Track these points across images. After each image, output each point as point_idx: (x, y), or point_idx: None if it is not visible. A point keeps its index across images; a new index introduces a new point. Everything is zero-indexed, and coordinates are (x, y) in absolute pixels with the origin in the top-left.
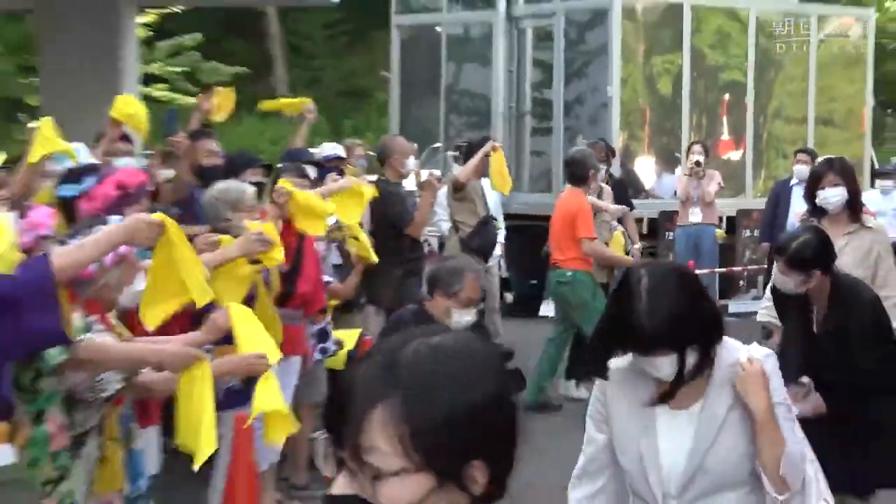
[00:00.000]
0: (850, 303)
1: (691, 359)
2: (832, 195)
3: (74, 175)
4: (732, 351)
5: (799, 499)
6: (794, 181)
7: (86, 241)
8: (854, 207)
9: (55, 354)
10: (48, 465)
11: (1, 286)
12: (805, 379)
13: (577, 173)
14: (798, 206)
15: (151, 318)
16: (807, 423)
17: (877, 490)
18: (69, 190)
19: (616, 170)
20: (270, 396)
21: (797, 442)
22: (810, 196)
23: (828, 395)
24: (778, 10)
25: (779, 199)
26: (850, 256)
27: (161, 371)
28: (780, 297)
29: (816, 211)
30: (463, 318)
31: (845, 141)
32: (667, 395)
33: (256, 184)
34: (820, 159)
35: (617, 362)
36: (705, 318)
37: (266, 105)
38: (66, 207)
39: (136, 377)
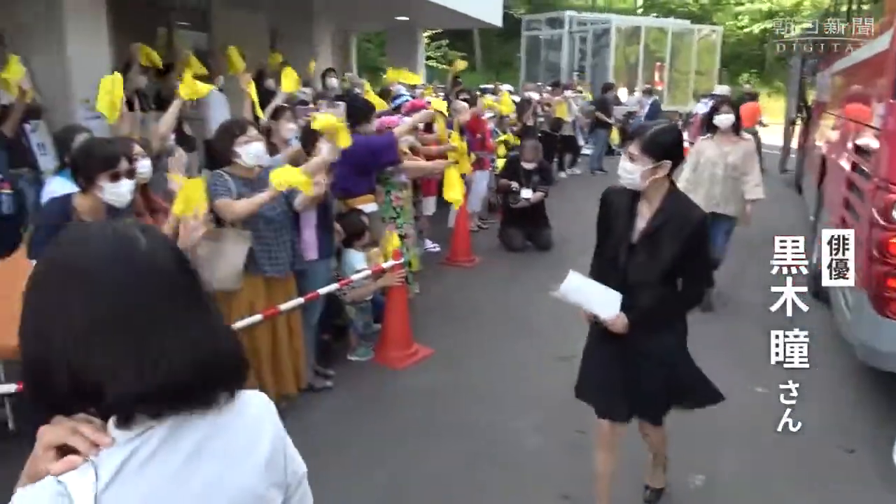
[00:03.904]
0: (683, 206)
1: None
2: (725, 118)
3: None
4: None
5: None
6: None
7: None
8: (737, 126)
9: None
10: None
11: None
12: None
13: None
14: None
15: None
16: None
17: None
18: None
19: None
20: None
21: None
22: (709, 119)
23: (628, 310)
24: (678, 26)
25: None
26: (734, 156)
27: None
28: (606, 204)
29: (712, 128)
30: None
31: (702, 82)
32: None
33: None
34: (718, 93)
35: None
36: None
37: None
38: None
39: None
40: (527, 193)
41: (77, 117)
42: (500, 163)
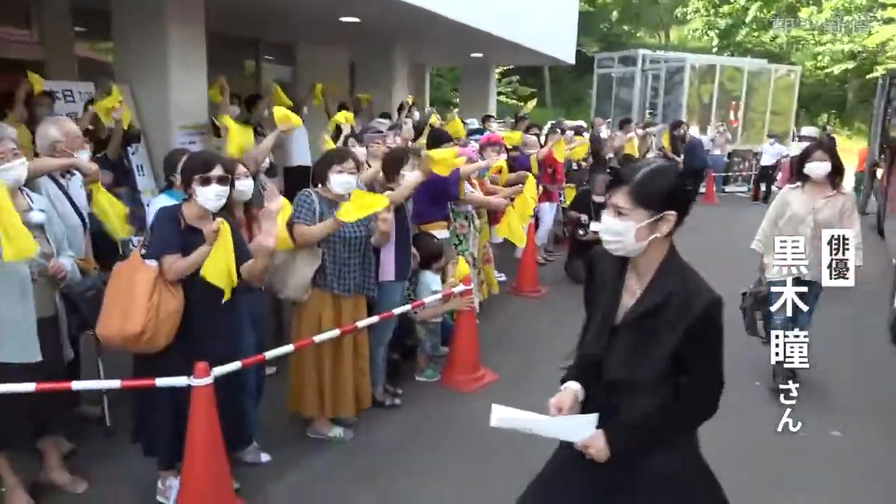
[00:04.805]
0: (684, 282)
1: None
2: (818, 166)
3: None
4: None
5: None
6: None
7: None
8: (833, 177)
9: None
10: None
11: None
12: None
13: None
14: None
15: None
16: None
17: None
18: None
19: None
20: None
21: None
22: (800, 166)
23: (608, 417)
24: (755, 65)
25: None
26: (827, 212)
27: None
28: (591, 271)
29: (802, 177)
30: None
31: (778, 122)
32: None
33: None
34: (806, 134)
35: None
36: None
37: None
38: None
39: None
40: (596, 227)
41: (174, 142)
42: (569, 195)
